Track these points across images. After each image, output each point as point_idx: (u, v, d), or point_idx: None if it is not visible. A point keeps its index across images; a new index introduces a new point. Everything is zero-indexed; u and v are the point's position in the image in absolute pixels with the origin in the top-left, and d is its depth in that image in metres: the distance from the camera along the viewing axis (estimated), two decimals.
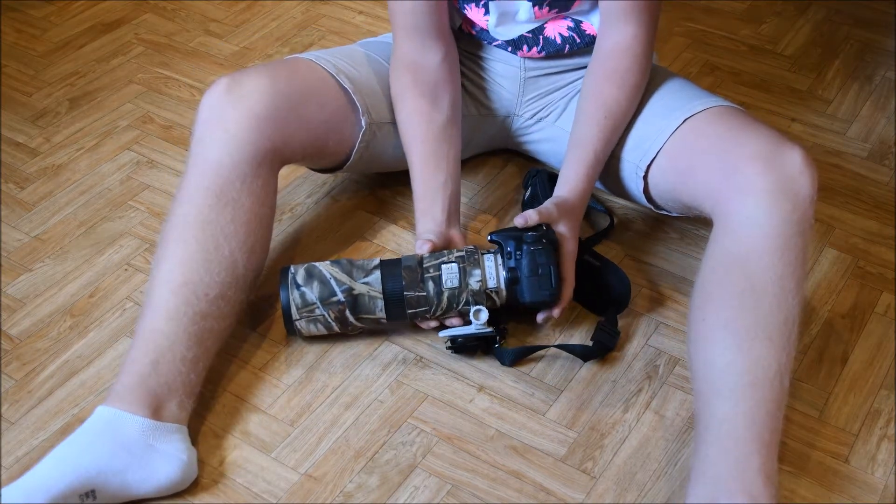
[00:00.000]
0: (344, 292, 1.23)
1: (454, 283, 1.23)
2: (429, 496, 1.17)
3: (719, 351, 1.11)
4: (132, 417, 1.12)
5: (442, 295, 1.24)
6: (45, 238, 1.52)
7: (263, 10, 2.04)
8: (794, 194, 1.13)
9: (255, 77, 1.29)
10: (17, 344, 1.35)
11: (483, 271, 1.25)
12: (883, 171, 1.63)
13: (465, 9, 1.39)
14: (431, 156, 1.36)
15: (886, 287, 1.43)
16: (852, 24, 1.99)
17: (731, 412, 1.07)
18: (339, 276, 1.24)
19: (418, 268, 1.24)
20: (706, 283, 1.16)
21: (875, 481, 1.19)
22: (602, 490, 1.18)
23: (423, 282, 1.24)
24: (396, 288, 1.24)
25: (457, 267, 1.24)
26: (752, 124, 1.22)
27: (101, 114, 1.76)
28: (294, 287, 1.24)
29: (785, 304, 1.11)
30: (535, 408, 1.27)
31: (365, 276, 1.24)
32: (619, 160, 1.36)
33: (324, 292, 1.23)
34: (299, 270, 1.25)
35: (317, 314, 1.24)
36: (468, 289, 1.24)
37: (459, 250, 1.27)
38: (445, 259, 1.25)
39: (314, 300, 1.24)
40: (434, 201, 1.35)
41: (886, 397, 1.28)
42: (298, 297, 1.23)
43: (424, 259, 1.26)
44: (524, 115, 1.50)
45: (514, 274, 1.24)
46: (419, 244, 1.29)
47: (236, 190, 1.24)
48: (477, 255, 1.25)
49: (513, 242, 1.24)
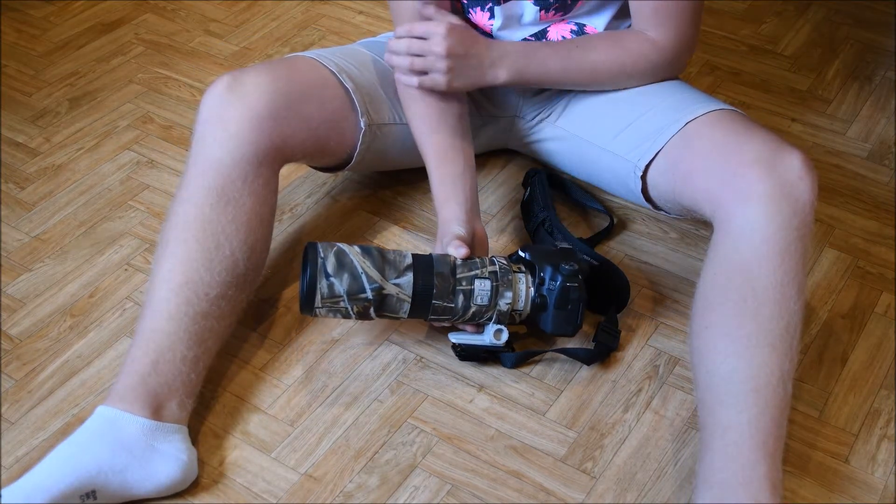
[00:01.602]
0: (374, 291, 1.18)
1: (484, 301, 1.21)
2: (429, 496, 1.17)
3: (722, 358, 1.11)
4: (132, 417, 1.12)
5: (469, 309, 1.21)
6: (45, 238, 1.52)
7: (263, 10, 2.04)
8: (794, 199, 1.13)
9: (255, 75, 1.29)
10: (17, 344, 1.35)
11: (515, 294, 1.23)
12: (883, 171, 1.63)
13: (470, 13, 1.39)
14: (448, 148, 1.34)
15: (886, 287, 1.43)
16: (852, 24, 1.99)
17: (736, 420, 1.07)
18: (371, 273, 1.18)
19: (451, 277, 1.20)
20: (707, 291, 1.16)
21: (875, 481, 1.19)
22: (602, 490, 1.18)
23: (454, 293, 1.20)
24: (427, 294, 1.19)
25: (490, 285, 1.21)
26: (752, 129, 1.22)
27: (101, 114, 1.76)
28: (323, 275, 1.17)
29: (787, 310, 1.11)
30: (535, 408, 1.27)
31: (397, 277, 1.19)
32: (618, 158, 1.36)
33: (353, 287, 1.17)
34: (329, 256, 1.17)
35: (340, 306, 1.18)
36: (496, 308, 1.22)
37: (492, 263, 1.23)
38: (479, 273, 1.21)
39: (342, 293, 1.17)
40: (455, 188, 1.31)
41: (886, 397, 1.28)
42: (326, 287, 1.17)
43: (458, 268, 1.21)
44: (526, 117, 1.50)
45: (544, 301, 1.23)
46: (453, 243, 1.24)
47: (237, 189, 1.24)
48: (510, 276, 1.22)
49: (549, 270, 1.23)
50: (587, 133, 1.42)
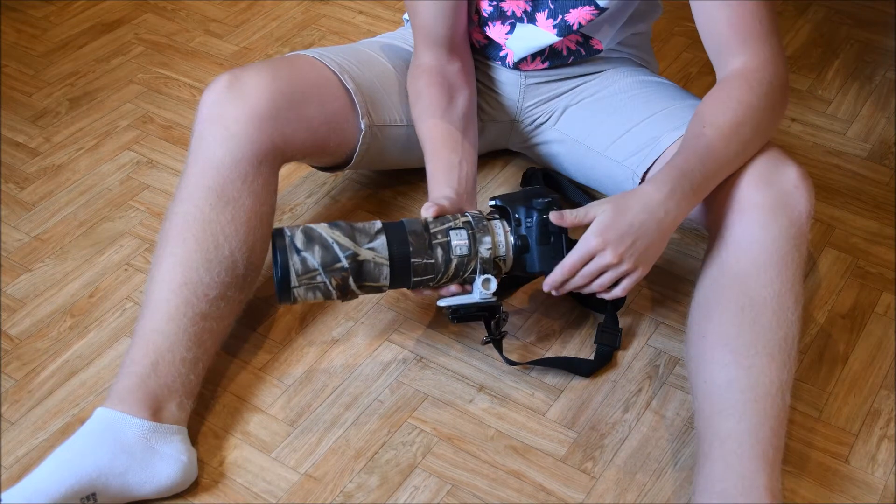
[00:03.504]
0: (348, 258, 1.13)
1: (464, 251, 1.16)
2: (429, 496, 1.17)
3: (720, 368, 1.10)
4: (132, 419, 1.12)
5: (451, 263, 1.17)
6: (45, 238, 1.52)
7: (263, 10, 2.04)
8: (791, 210, 1.13)
9: (255, 74, 1.28)
10: (17, 344, 1.35)
11: (493, 238, 1.18)
12: (883, 171, 1.63)
13: (489, 25, 1.38)
14: (448, 138, 1.30)
15: (886, 287, 1.43)
16: (852, 24, 1.99)
17: (736, 429, 1.07)
18: (342, 241, 1.14)
19: (425, 233, 1.16)
20: (704, 300, 1.16)
21: (875, 481, 1.19)
22: (602, 490, 1.18)
23: (432, 248, 1.15)
24: (404, 254, 1.15)
25: (466, 233, 1.17)
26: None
27: (101, 114, 1.76)
28: (293, 251, 1.12)
29: (784, 320, 1.11)
30: (535, 408, 1.27)
31: (370, 242, 1.14)
32: (616, 164, 1.36)
33: (326, 258, 1.12)
34: (296, 233, 1.13)
35: (318, 281, 1.13)
36: (478, 256, 1.17)
37: (464, 215, 1.19)
38: (452, 224, 1.17)
39: (316, 266, 1.12)
40: (449, 174, 1.27)
41: (886, 397, 1.28)
42: (299, 263, 1.12)
43: (430, 224, 1.17)
44: (525, 120, 1.50)
45: (525, 242, 1.19)
46: (425, 206, 1.19)
47: (237, 189, 1.23)
48: (485, 222, 1.18)
49: (522, 209, 1.18)
50: (586, 138, 1.42)
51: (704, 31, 1.20)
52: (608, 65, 1.44)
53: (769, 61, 1.17)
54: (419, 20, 1.35)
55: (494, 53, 1.42)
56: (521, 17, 1.34)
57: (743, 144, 1.14)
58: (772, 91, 1.16)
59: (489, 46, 1.42)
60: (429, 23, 1.34)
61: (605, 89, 1.42)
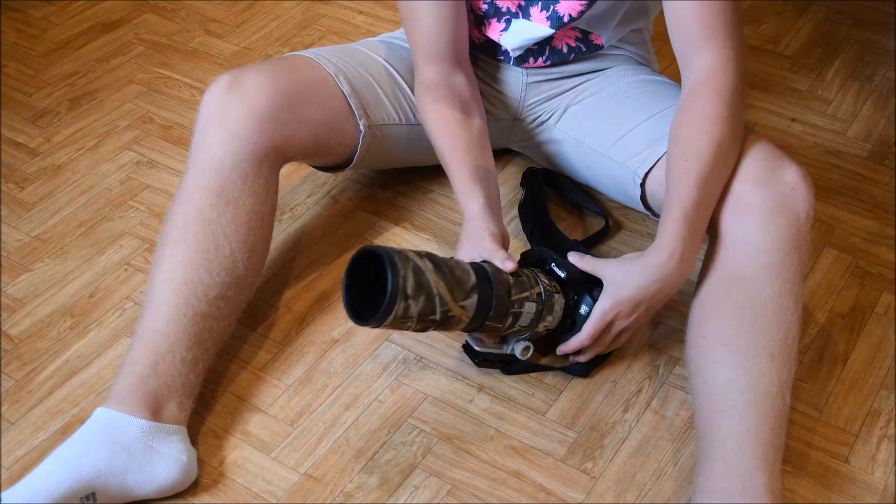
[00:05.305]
0: (442, 314, 1.09)
1: (526, 323, 1.18)
2: (429, 496, 1.17)
3: (720, 368, 1.11)
4: (132, 419, 1.12)
5: (512, 328, 1.18)
6: (45, 238, 1.52)
7: (263, 10, 2.04)
8: (790, 212, 1.13)
9: (256, 75, 1.28)
10: (17, 344, 1.35)
11: (553, 318, 1.21)
12: (883, 171, 1.63)
13: (485, 24, 1.38)
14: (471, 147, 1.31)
15: (886, 287, 1.43)
16: (852, 24, 1.99)
17: (736, 429, 1.07)
18: (444, 294, 1.08)
19: (507, 298, 1.14)
20: (704, 302, 1.16)
21: (875, 481, 1.19)
22: (602, 490, 1.18)
23: (506, 315, 1.15)
24: (484, 317, 1.14)
25: (535, 308, 1.17)
26: (750, 141, 1.21)
27: (101, 114, 1.76)
28: (402, 297, 1.05)
29: (784, 321, 1.12)
30: (535, 408, 1.27)
31: (464, 299, 1.10)
32: (617, 165, 1.36)
33: (426, 309, 1.07)
34: (408, 275, 1.05)
35: (406, 325, 1.08)
36: (533, 330, 1.20)
37: (536, 283, 1.18)
38: (528, 296, 1.17)
39: (414, 314, 1.07)
40: (486, 182, 1.27)
41: (886, 397, 1.28)
42: (402, 310, 1.05)
43: (512, 289, 1.15)
44: (526, 118, 1.50)
45: (576, 324, 1.22)
46: (498, 254, 1.17)
47: (237, 189, 1.23)
48: (553, 300, 1.19)
49: (587, 298, 1.20)
50: (587, 137, 1.41)
51: (673, 28, 1.22)
52: (610, 63, 1.44)
53: (731, 59, 1.18)
54: (419, 34, 1.33)
55: (496, 50, 1.42)
56: (516, 12, 1.34)
57: (726, 158, 1.15)
58: (736, 92, 1.17)
59: (489, 43, 1.42)
60: (430, 34, 1.32)
61: (606, 88, 1.42)
